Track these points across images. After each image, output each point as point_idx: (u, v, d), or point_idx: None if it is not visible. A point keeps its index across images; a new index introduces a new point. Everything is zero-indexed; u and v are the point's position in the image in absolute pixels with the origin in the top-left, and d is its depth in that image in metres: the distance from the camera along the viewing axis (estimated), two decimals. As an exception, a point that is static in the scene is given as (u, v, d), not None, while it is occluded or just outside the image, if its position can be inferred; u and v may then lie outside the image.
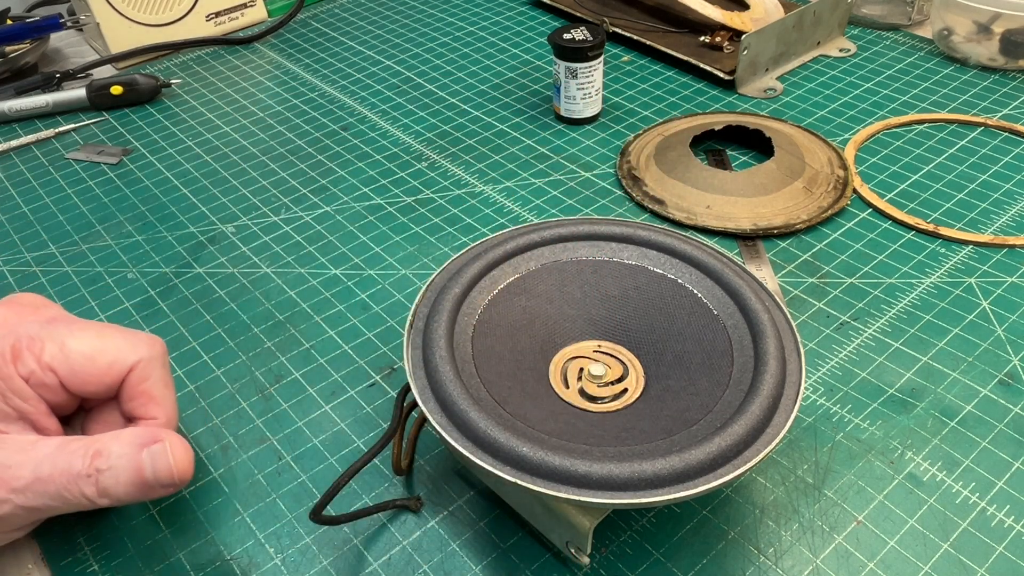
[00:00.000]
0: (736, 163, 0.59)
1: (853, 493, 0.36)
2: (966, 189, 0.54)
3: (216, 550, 0.36)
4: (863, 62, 0.70)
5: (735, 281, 0.36)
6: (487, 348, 0.35)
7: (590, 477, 0.28)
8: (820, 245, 0.51)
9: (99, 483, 0.31)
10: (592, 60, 0.60)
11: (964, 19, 0.66)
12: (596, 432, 0.32)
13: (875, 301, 0.46)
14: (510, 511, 0.36)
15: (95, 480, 0.31)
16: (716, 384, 0.33)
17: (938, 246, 0.50)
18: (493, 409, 0.31)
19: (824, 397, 0.41)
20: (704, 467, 0.29)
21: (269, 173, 0.61)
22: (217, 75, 0.75)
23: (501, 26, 0.81)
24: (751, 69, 0.66)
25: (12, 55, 0.74)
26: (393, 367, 0.44)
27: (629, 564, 0.34)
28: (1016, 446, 0.38)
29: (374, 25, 0.83)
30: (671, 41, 0.72)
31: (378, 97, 0.70)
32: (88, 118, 0.69)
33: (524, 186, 0.58)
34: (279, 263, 0.52)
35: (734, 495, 0.37)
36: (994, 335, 0.44)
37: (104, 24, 0.76)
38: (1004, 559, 0.34)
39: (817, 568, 0.34)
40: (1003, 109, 0.62)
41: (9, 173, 0.63)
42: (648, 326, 0.37)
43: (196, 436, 0.41)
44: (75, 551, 0.36)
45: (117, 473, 0.31)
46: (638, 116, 0.65)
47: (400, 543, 0.36)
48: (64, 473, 0.31)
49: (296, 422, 0.41)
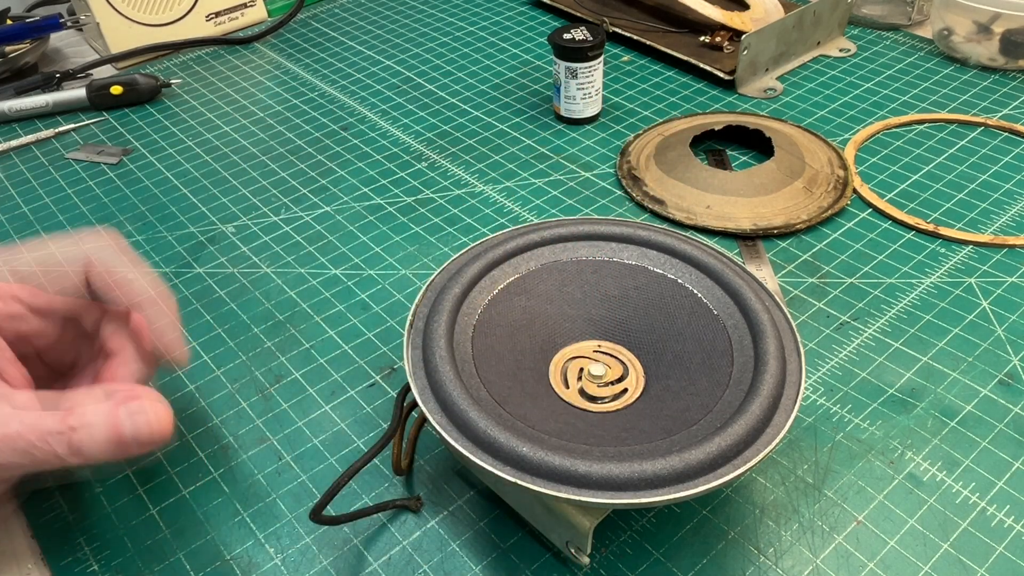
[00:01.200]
0: (736, 163, 0.59)
1: (853, 493, 0.36)
2: (966, 189, 0.54)
3: (216, 550, 0.36)
4: (863, 62, 0.70)
5: (735, 281, 0.36)
6: (487, 348, 0.35)
7: (590, 477, 0.28)
8: (820, 245, 0.51)
9: (72, 441, 0.30)
10: (592, 60, 0.60)
11: (964, 19, 0.66)
12: (596, 432, 0.32)
13: (875, 301, 0.46)
14: (510, 511, 0.36)
15: (67, 439, 0.30)
16: (716, 384, 0.33)
17: (938, 246, 0.50)
18: (493, 409, 0.31)
19: (824, 397, 0.41)
20: (704, 467, 0.29)
21: (269, 173, 0.61)
22: (217, 75, 0.75)
23: (501, 26, 0.81)
24: (751, 69, 0.66)
25: (12, 55, 0.74)
26: (393, 367, 0.44)
27: (629, 564, 0.34)
28: (1016, 446, 0.38)
29: (374, 25, 0.83)
30: (671, 41, 0.72)
31: (378, 97, 0.70)
32: (88, 118, 0.69)
33: (524, 186, 0.58)
34: (279, 263, 0.52)
35: (734, 495, 0.37)
36: (994, 335, 0.44)
37: (104, 24, 0.76)
38: (1004, 559, 0.34)
39: (817, 568, 0.34)
40: (1003, 109, 0.62)
41: (9, 173, 0.63)
42: (648, 326, 0.37)
43: (196, 436, 0.41)
44: (75, 551, 0.36)
45: (92, 431, 0.30)
46: (638, 116, 0.64)
47: (400, 543, 0.36)
48: (34, 429, 0.29)
49: (296, 422, 0.41)
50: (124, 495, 0.38)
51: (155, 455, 0.38)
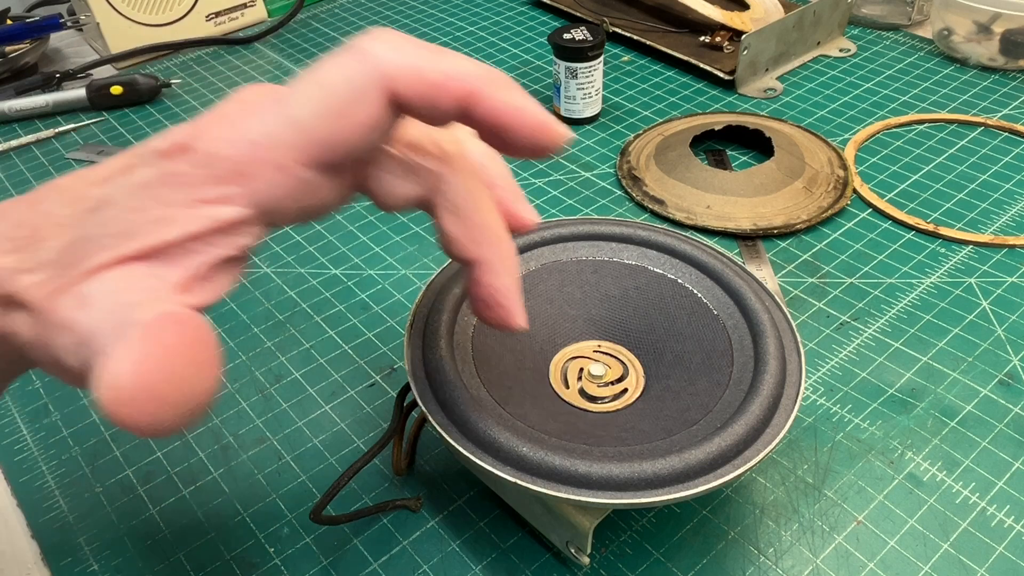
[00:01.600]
0: (736, 163, 0.59)
1: (853, 493, 0.36)
2: (966, 189, 0.54)
3: (216, 550, 0.36)
4: (863, 62, 0.70)
5: (735, 281, 0.36)
6: (487, 348, 0.35)
7: (590, 477, 0.28)
8: (820, 245, 0.51)
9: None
10: (592, 60, 0.60)
11: (964, 19, 0.66)
12: (596, 432, 0.32)
13: (875, 301, 0.46)
14: (510, 511, 0.36)
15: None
16: (716, 384, 0.33)
17: (938, 246, 0.50)
18: (493, 409, 0.31)
19: (824, 397, 0.41)
20: (704, 467, 0.29)
21: (269, 173, 0.61)
22: (217, 75, 0.75)
23: (501, 26, 0.81)
24: (751, 69, 0.66)
25: (12, 55, 0.74)
26: (393, 367, 0.44)
27: (629, 564, 0.34)
28: (1016, 446, 0.38)
29: (374, 25, 0.83)
30: (671, 41, 0.72)
31: (378, 97, 0.70)
32: (88, 118, 0.69)
33: (524, 186, 0.57)
34: (279, 263, 0.52)
35: (734, 495, 0.37)
36: (994, 335, 0.44)
37: (104, 24, 0.76)
38: (1004, 559, 0.34)
39: (817, 568, 0.34)
40: (1003, 109, 0.62)
41: (9, 173, 0.63)
42: (648, 326, 0.37)
43: (196, 436, 0.41)
44: (75, 551, 0.36)
45: None
46: (638, 116, 0.64)
47: (400, 543, 0.36)
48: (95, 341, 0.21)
49: (296, 422, 0.41)
50: (124, 495, 0.38)
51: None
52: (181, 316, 0.21)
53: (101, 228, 0.23)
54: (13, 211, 0.25)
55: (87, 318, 0.21)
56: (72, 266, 0.22)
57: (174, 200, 0.22)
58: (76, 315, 0.22)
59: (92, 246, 0.22)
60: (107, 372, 0.20)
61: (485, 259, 0.27)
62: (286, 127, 0.22)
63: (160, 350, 0.20)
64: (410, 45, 0.23)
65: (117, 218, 0.23)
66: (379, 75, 0.22)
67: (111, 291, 0.22)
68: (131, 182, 0.23)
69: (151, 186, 0.23)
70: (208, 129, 0.23)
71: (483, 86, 0.23)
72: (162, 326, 0.21)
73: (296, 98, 0.22)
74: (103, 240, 0.22)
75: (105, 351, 0.20)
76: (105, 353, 0.20)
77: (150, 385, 0.20)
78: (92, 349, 0.21)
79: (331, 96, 0.22)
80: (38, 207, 0.24)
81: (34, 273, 0.23)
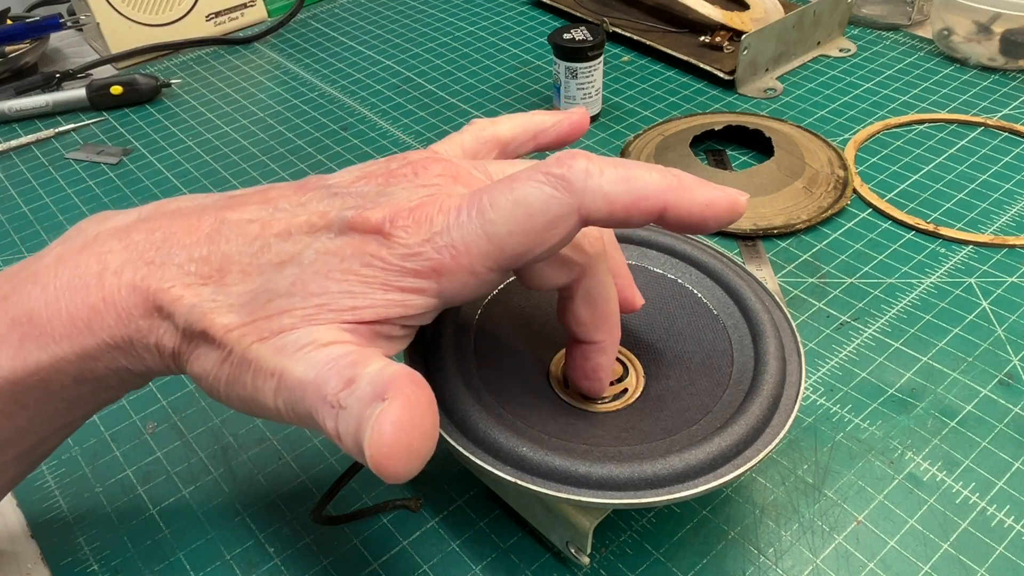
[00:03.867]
0: (736, 163, 0.59)
1: (853, 493, 0.36)
2: (966, 189, 0.54)
3: (216, 550, 0.36)
4: (863, 62, 0.70)
5: (735, 281, 0.36)
6: (487, 348, 0.35)
7: (590, 477, 0.28)
8: (820, 245, 0.51)
9: (338, 421, 0.23)
10: (592, 60, 0.60)
11: (964, 19, 0.66)
12: (596, 432, 0.32)
13: (875, 301, 0.46)
14: (510, 511, 0.36)
15: (336, 415, 0.23)
16: (716, 384, 0.33)
17: (938, 246, 0.50)
18: (493, 409, 0.31)
19: (824, 397, 0.41)
20: (704, 467, 0.29)
21: (269, 173, 0.61)
22: (217, 75, 0.75)
23: (501, 26, 0.81)
24: (751, 69, 0.66)
25: (12, 55, 0.74)
26: (393, 367, 0.44)
27: (629, 564, 0.34)
28: (1016, 446, 0.38)
29: (374, 25, 0.83)
30: (671, 41, 0.72)
31: (378, 97, 0.70)
32: (88, 118, 0.69)
33: (524, 186, 0.57)
34: (279, 263, 0.52)
35: (734, 495, 0.37)
36: (994, 335, 0.44)
37: (104, 24, 0.76)
38: (1004, 559, 0.34)
39: (817, 568, 0.34)
40: (1003, 109, 0.62)
41: (9, 173, 0.63)
42: (648, 326, 0.37)
43: (196, 436, 0.41)
44: (75, 551, 0.36)
45: (347, 419, 0.23)
46: (638, 116, 0.64)
47: (400, 543, 0.36)
48: (316, 389, 0.23)
49: (296, 422, 0.41)
50: (124, 495, 0.38)
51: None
52: (415, 377, 0.23)
53: (290, 286, 0.25)
54: (187, 237, 0.26)
55: (297, 369, 0.24)
56: (264, 317, 0.24)
57: (371, 279, 0.25)
58: (282, 364, 0.24)
59: (284, 303, 0.24)
60: (374, 431, 0.22)
61: (601, 341, 0.30)
62: (483, 239, 0.24)
63: (413, 411, 0.23)
64: (605, 172, 0.24)
65: (307, 280, 0.25)
66: (576, 206, 0.24)
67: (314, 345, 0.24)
68: (321, 247, 0.25)
69: (346, 259, 0.25)
70: (402, 215, 0.25)
71: (671, 199, 0.25)
72: (408, 388, 0.23)
73: (496, 213, 0.24)
74: (294, 299, 0.24)
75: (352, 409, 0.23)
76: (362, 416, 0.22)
77: (407, 442, 0.22)
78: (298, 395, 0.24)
79: (529, 219, 0.24)
80: (219, 245, 0.26)
81: (226, 315, 0.25)
